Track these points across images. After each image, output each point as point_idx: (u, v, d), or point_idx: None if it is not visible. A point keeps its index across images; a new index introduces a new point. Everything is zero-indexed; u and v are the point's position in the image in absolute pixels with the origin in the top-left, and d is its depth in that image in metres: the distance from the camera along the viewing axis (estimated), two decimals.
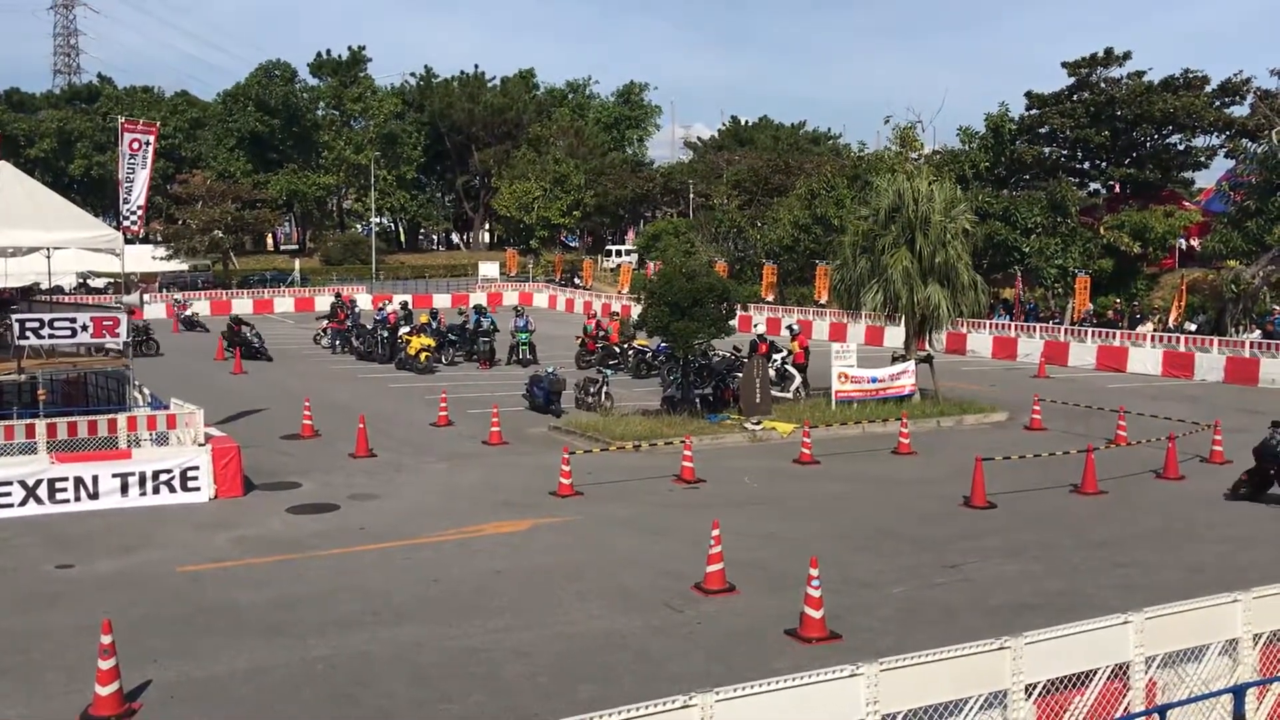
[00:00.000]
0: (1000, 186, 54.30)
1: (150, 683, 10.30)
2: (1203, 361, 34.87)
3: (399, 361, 35.06)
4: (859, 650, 10.46)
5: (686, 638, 11.75)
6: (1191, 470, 20.30)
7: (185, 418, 18.94)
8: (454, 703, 9.97)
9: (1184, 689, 8.82)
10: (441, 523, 16.43)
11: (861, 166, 56.61)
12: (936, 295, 25.94)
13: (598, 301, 57.31)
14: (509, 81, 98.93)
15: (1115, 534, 16.10)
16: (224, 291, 62.89)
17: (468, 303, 53.07)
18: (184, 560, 14.53)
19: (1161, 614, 8.80)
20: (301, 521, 16.65)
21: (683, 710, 6.79)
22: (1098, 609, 10.51)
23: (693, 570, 13.52)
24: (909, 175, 29.19)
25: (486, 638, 11.62)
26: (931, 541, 15.56)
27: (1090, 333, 39.55)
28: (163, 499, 17.51)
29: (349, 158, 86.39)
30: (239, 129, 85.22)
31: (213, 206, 67.62)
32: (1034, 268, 47.57)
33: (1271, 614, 9.25)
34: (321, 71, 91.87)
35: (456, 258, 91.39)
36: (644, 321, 24.72)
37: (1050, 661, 8.15)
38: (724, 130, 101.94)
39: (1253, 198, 42.72)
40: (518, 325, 36.22)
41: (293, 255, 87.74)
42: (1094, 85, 53.76)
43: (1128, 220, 48.40)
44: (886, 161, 50.76)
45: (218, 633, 11.72)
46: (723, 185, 72.69)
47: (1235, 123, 51.13)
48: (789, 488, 19.35)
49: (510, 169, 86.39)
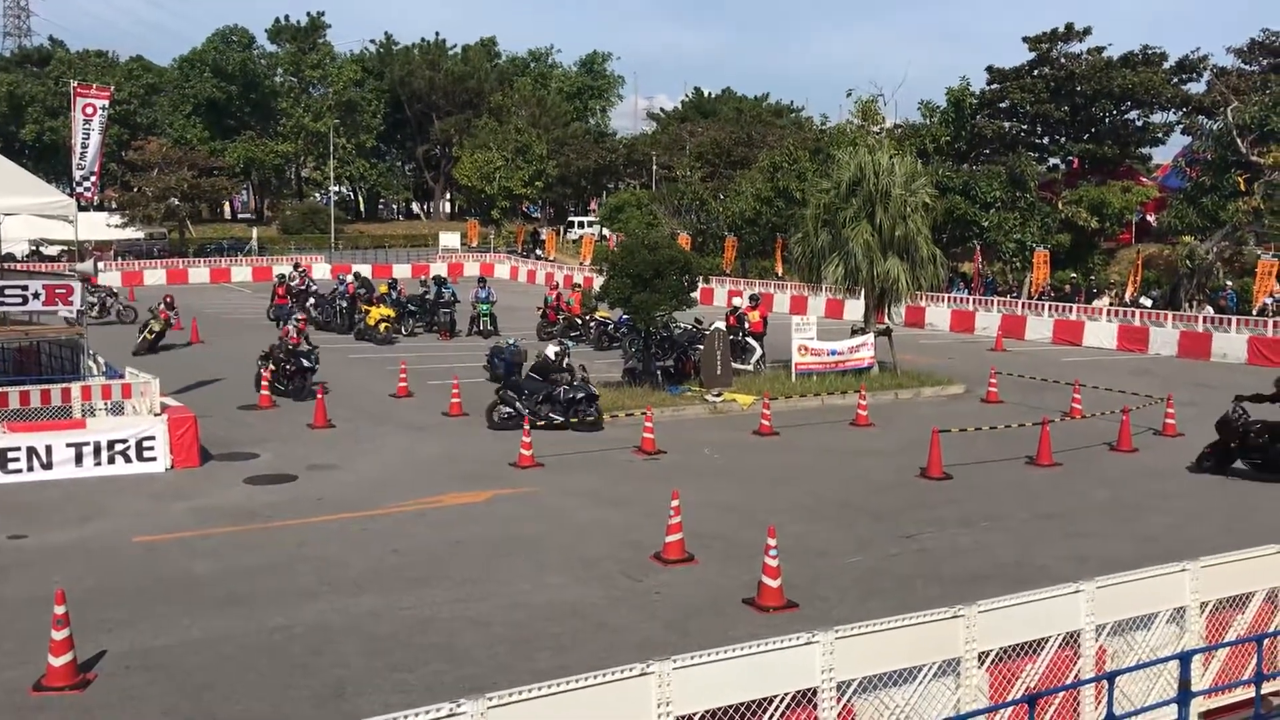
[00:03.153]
0: (960, 161, 54.62)
1: (105, 653, 10.22)
2: (1157, 336, 35.34)
3: (358, 332, 34.80)
4: (816, 619, 10.56)
5: (645, 607, 11.81)
6: (1145, 443, 20.60)
7: (140, 387, 18.74)
8: (411, 672, 9.97)
9: (1133, 656, 8.98)
10: (400, 493, 16.38)
11: (823, 140, 56.72)
12: (896, 269, 26.10)
13: (560, 273, 57.14)
14: (470, 50, 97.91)
15: (1069, 505, 16.32)
16: (180, 260, 62.03)
17: (428, 273, 52.68)
18: (140, 530, 14.41)
19: (1112, 583, 8.95)
20: (259, 492, 16.55)
21: (640, 678, 6.84)
22: (1050, 579, 10.65)
23: (652, 540, 13.58)
24: (870, 149, 29.27)
25: (444, 608, 11.63)
26: (888, 512, 15.71)
27: (1047, 307, 39.97)
28: (118, 469, 17.33)
29: (308, 125, 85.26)
30: (195, 95, 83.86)
31: (168, 174, 66.55)
32: (993, 242, 47.94)
33: (1218, 583, 9.43)
34: (280, 38, 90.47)
35: (417, 228, 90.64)
36: (606, 293, 24.68)
37: (1003, 630, 8.27)
38: (687, 102, 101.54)
39: (1208, 174, 43.28)
40: (479, 296, 36.04)
41: (250, 224, 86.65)
42: (1054, 60, 54.08)
43: (1086, 195, 48.85)
44: (848, 135, 50.87)
45: (173, 603, 11.64)
46: (686, 157, 72.51)
47: (1192, 100, 51.69)
48: (749, 459, 19.45)
49: (471, 138, 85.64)
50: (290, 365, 23.91)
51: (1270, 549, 9.84)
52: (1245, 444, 17.83)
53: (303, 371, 24.02)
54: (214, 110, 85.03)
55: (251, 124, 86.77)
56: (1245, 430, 17.81)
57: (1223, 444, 18.10)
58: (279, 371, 24.00)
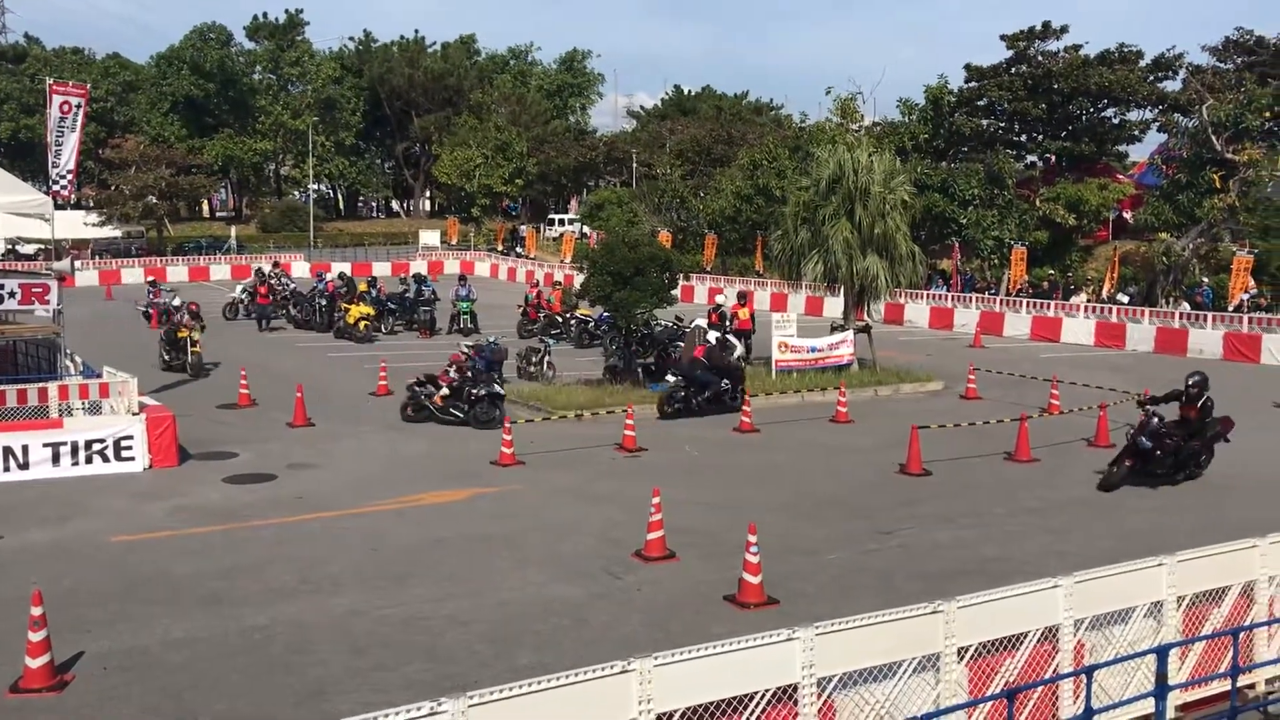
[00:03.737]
0: (939, 158, 54.80)
1: (83, 654, 10.16)
2: (1134, 332, 35.60)
3: (337, 330, 34.69)
4: (796, 615, 10.59)
5: (626, 604, 11.82)
6: (1122, 438, 20.63)
7: (118, 386, 18.62)
8: (391, 671, 9.95)
9: (1111, 650, 9.05)
10: (381, 492, 16.34)
11: (803, 137, 56.79)
12: (875, 266, 26.18)
13: (540, 271, 57.07)
14: (450, 47, 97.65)
15: (1047, 501, 16.41)
16: (159, 259, 61.67)
17: (408, 271, 52.53)
18: (118, 530, 14.33)
19: (1090, 578, 9.02)
20: (238, 491, 16.48)
21: (622, 675, 6.85)
22: (1029, 574, 10.71)
23: (633, 538, 13.59)
24: (849, 146, 29.39)
25: (425, 606, 11.60)
26: (868, 509, 15.77)
27: (1025, 303, 40.18)
28: (96, 469, 17.23)
29: (286, 123, 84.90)
30: (173, 93, 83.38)
31: (146, 172, 66.19)
32: (971, 239, 48.15)
33: (1195, 578, 9.51)
34: (258, 35, 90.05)
35: (396, 225, 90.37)
36: (586, 291, 24.67)
37: (982, 625, 8.32)
38: (667, 99, 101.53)
39: (1183, 171, 43.54)
40: (459, 294, 35.96)
41: (229, 222, 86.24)
42: (1031, 58, 54.32)
43: (1063, 193, 49.11)
44: (827, 132, 50.94)
45: (152, 603, 11.58)
46: (666, 155, 72.55)
47: (1168, 97, 52.03)
48: (729, 456, 19.48)
49: (451, 136, 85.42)
50: (476, 390, 21.21)
51: (1245, 543, 9.93)
52: (1162, 448, 16.91)
53: (494, 399, 21.32)
54: (192, 108, 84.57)
55: (230, 122, 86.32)
56: (1161, 436, 16.87)
57: (1132, 451, 16.99)
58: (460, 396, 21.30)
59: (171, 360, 26.99)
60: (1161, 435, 16.94)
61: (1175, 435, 17.13)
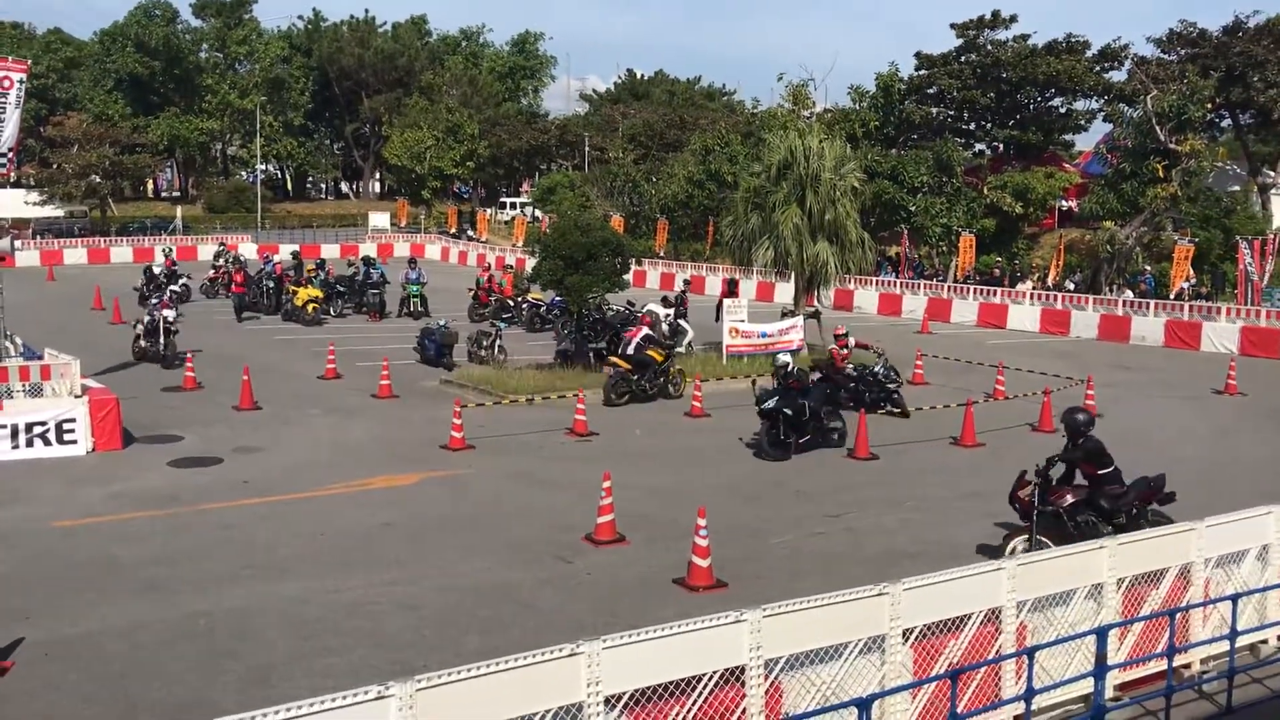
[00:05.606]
0: (889, 145, 55.17)
1: (22, 640, 10.00)
2: (1078, 319, 36.12)
3: (285, 313, 34.30)
4: (745, 598, 10.65)
5: (575, 588, 11.84)
6: None
7: (60, 368, 18.29)
8: (337, 656, 9.90)
9: (1052, 631, 9.19)
10: (328, 476, 16.22)
11: (755, 123, 56.94)
12: (825, 252, 26.33)
13: (492, 254, 56.77)
14: (400, 27, 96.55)
15: (992, 485, 16.54)
16: (102, 239, 60.59)
17: (357, 253, 52.05)
18: (59, 515, 14.11)
19: (1033, 561, 9.16)
20: (183, 475, 16.28)
21: (570, 658, 6.85)
22: (973, 557, 10.87)
23: (583, 522, 13.60)
24: (801, 133, 29.45)
25: (372, 591, 11.55)
26: (816, 492, 15.90)
27: (973, 290, 40.61)
28: (37, 452, 16.96)
29: (233, 102, 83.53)
30: (117, 70, 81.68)
31: (89, 150, 64.88)
32: (920, 226, 48.55)
33: (1134, 560, 9.68)
34: (204, 12, 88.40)
35: (345, 207, 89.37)
36: (538, 275, 24.59)
37: (927, 607, 8.41)
38: (619, 83, 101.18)
39: (1128, 161, 44.13)
40: (409, 277, 35.69)
41: (175, 203, 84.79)
42: (981, 47, 54.80)
43: (1010, 181, 49.64)
44: (779, 119, 51.06)
45: (94, 589, 11.43)
46: (618, 139, 72.38)
47: (1113, 88, 52.70)
48: (680, 440, 19.55)
49: (402, 117, 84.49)
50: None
51: (1182, 526, 10.13)
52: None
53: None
54: (136, 86, 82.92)
55: (176, 100, 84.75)
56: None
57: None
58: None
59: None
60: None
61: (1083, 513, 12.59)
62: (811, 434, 18.40)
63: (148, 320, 25.97)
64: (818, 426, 18.54)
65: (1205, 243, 42.62)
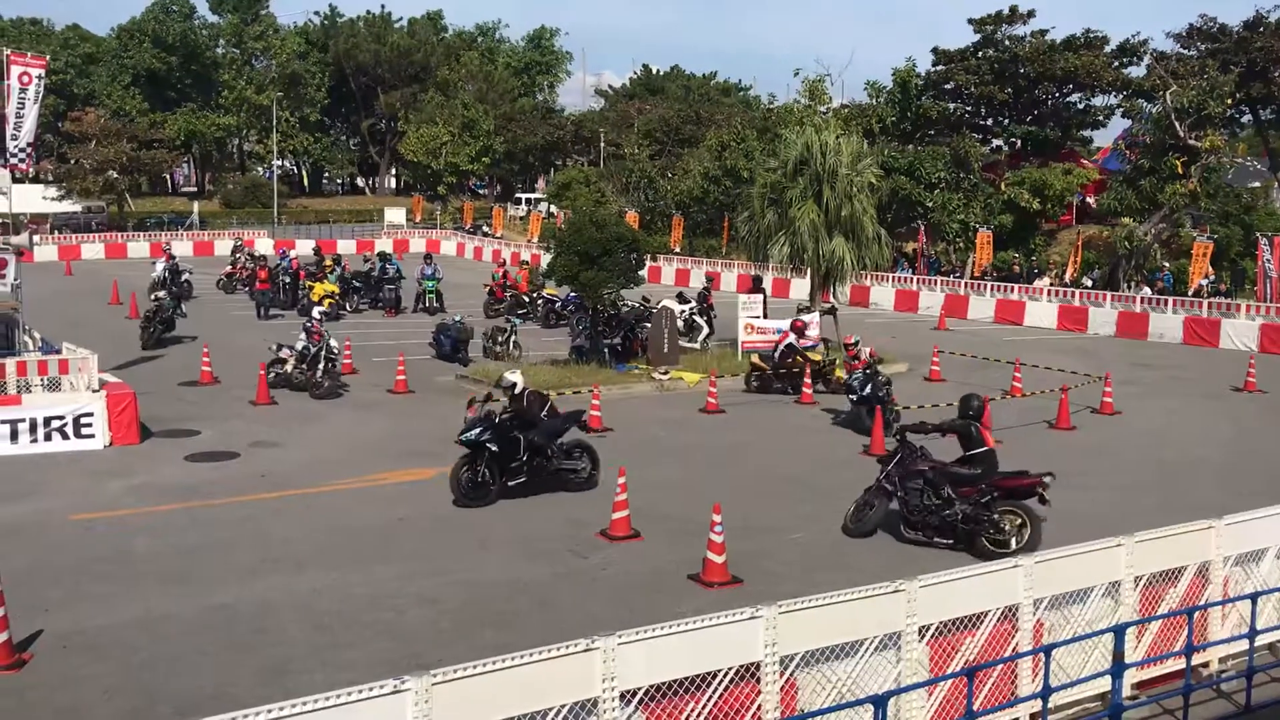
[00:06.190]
0: (906, 141, 54.96)
1: (42, 632, 10.07)
2: (1096, 316, 35.95)
3: (301, 308, 34.36)
4: (760, 594, 10.62)
5: (590, 584, 11.85)
6: (1083, 421, 20.95)
7: (78, 363, 18.40)
8: (355, 649, 9.93)
9: (1069, 629, 9.15)
10: (344, 470, 16.26)
11: (771, 119, 56.79)
12: (841, 248, 26.24)
13: (507, 250, 56.80)
14: (416, 23, 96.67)
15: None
16: (119, 234, 60.90)
17: (373, 249, 52.14)
18: (77, 508, 14.19)
19: (1049, 558, 9.12)
20: (200, 469, 16.35)
21: (585, 654, 6.86)
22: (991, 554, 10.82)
23: (598, 517, 13.61)
24: (817, 128, 29.37)
25: (389, 585, 11.58)
26: (832, 488, 15.83)
27: (989, 286, 40.47)
28: (55, 446, 17.05)
29: (250, 98, 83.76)
30: (134, 66, 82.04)
31: (107, 146, 65.16)
32: (937, 222, 48.36)
33: (1152, 558, 9.63)
34: (221, 8, 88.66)
35: (361, 203, 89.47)
36: (553, 270, 24.60)
37: (943, 604, 8.39)
38: (635, 79, 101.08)
39: (1146, 157, 43.85)
40: (425, 273, 35.73)
41: (191, 198, 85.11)
42: (998, 43, 54.55)
43: (1028, 177, 49.40)
44: (795, 114, 50.92)
45: (112, 581, 11.49)
46: (634, 135, 72.29)
47: (1132, 83, 52.40)
48: (695, 436, 19.53)
49: (417, 113, 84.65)
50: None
51: (1201, 524, 10.07)
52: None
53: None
54: (154, 81, 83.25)
55: (193, 96, 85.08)
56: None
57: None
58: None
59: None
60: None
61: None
62: (529, 474, 15.01)
63: (301, 349, 22.38)
64: (541, 465, 15.16)
65: (1224, 239, 42.37)
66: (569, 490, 15.20)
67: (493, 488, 14.58)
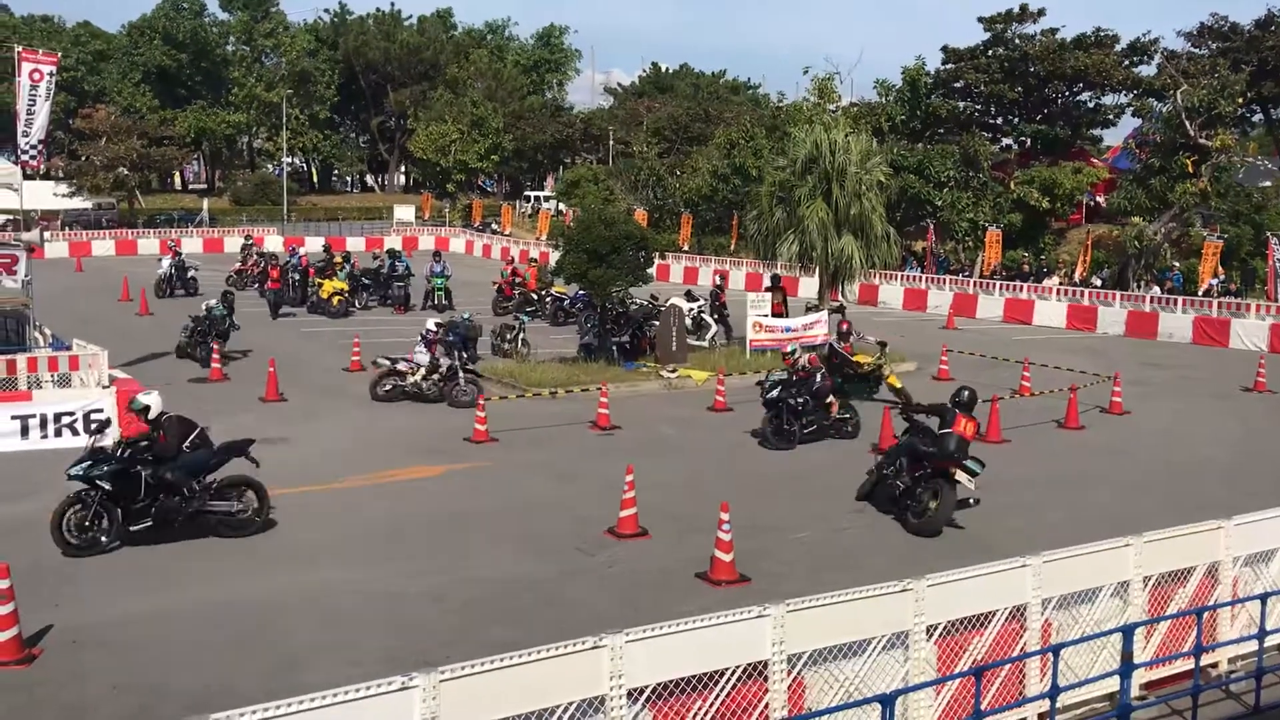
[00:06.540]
0: (915, 140, 54.83)
1: (51, 627, 10.10)
2: (1105, 315, 35.85)
3: (311, 305, 34.44)
4: (767, 593, 10.62)
5: (598, 581, 11.86)
6: (1091, 420, 20.90)
7: (88, 359, 18.46)
8: (362, 646, 9.94)
9: (1077, 629, 9.15)
10: (353, 467, 16.29)
11: (780, 117, 56.67)
12: (850, 246, 26.24)
13: (515, 247, 56.82)
14: (426, 21, 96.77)
15: (1017, 481, 16.53)
16: (129, 231, 61.03)
17: (382, 246, 52.18)
18: None
19: (1058, 558, 9.10)
20: None
21: (593, 651, 6.87)
22: (997, 553, 10.79)
23: (606, 515, 13.61)
24: (826, 127, 29.34)
25: (397, 581, 11.60)
26: (839, 487, 15.82)
27: (998, 285, 40.38)
28: (65, 442, 17.07)
29: (260, 95, 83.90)
30: (145, 63, 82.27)
31: (117, 143, 65.33)
32: (946, 221, 48.25)
33: (1161, 558, 9.62)
34: (231, 5, 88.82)
35: (371, 200, 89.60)
36: (562, 268, 24.61)
37: (951, 603, 8.39)
38: (644, 77, 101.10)
39: (1157, 156, 43.69)
40: (433, 270, 35.76)
41: (201, 195, 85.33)
42: (1008, 41, 54.37)
43: (1037, 176, 49.24)
44: (804, 112, 50.83)
45: (120, 577, 11.52)
46: (642, 133, 72.27)
47: (1142, 82, 52.18)
48: (703, 435, 19.53)
49: (427, 111, 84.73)
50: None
51: (1211, 524, 10.05)
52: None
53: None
54: (164, 78, 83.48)
55: (203, 93, 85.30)
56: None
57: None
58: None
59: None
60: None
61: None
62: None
63: (431, 360, 21.54)
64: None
65: (1235, 239, 42.19)
66: (220, 535, 12.91)
67: (104, 538, 12.38)
